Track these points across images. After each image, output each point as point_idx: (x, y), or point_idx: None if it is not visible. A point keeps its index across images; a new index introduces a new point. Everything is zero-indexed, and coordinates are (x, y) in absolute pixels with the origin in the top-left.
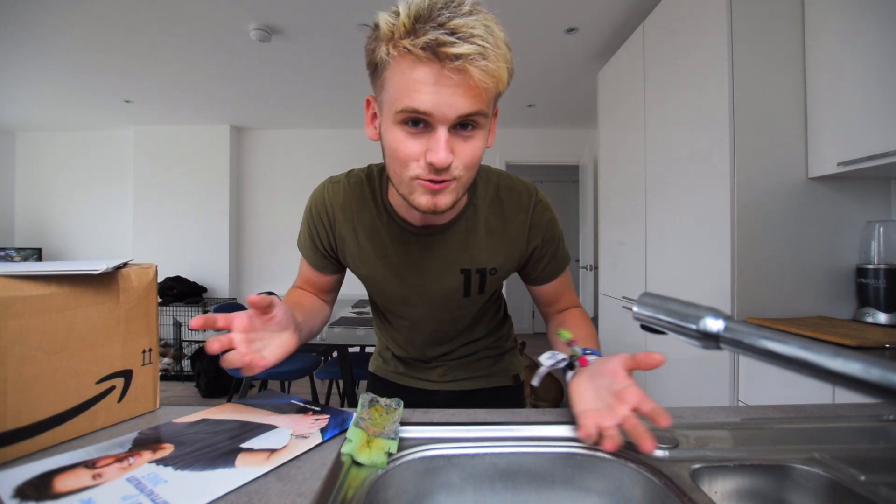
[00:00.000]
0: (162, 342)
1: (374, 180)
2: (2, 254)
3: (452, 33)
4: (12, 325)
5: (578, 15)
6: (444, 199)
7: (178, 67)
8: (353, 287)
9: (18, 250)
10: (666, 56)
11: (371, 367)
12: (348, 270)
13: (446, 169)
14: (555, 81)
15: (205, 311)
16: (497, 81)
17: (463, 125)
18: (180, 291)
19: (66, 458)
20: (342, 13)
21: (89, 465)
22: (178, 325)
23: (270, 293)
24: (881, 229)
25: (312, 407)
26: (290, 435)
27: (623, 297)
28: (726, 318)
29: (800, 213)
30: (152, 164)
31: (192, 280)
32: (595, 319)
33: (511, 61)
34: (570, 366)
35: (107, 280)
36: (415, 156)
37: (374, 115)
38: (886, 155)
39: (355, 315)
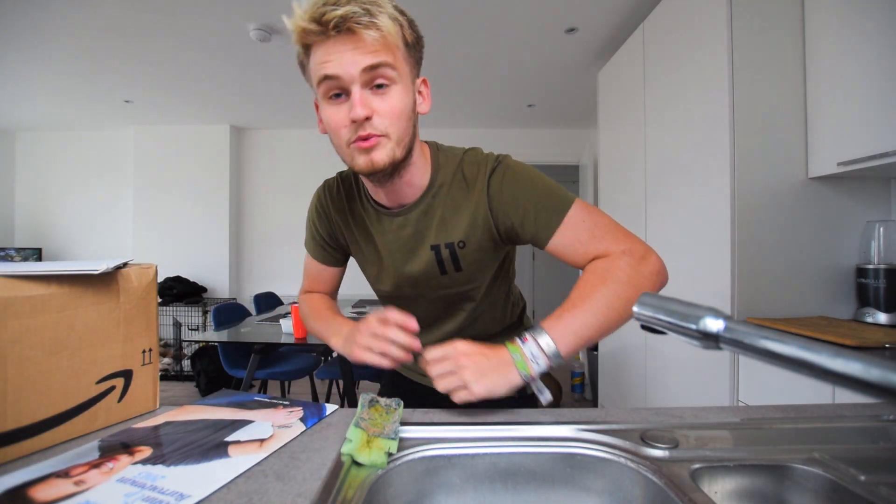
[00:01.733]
0: (162, 342)
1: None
2: (2, 254)
3: (329, 2)
4: (12, 325)
5: (578, 15)
6: (379, 155)
7: (178, 67)
8: (353, 287)
9: (18, 250)
10: (666, 56)
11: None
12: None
13: (367, 123)
14: (555, 81)
15: (205, 312)
16: (386, 36)
17: (377, 85)
18: (180, 291)
19: (29, 472)
20: None
21: (61, 474)
22: (178, 325)
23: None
24: (881, 229)
25: (281, 401)
26: (272, 426)
27: None
28: (726, 318)
29: (800, 213)
30: (152, 164)
31: (192, 280)
32: None
33: (405, 23)
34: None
35: (107, 280)
36: (343, 122)
37: (320, 113)
38: (886, 155)
39: (355, 315)
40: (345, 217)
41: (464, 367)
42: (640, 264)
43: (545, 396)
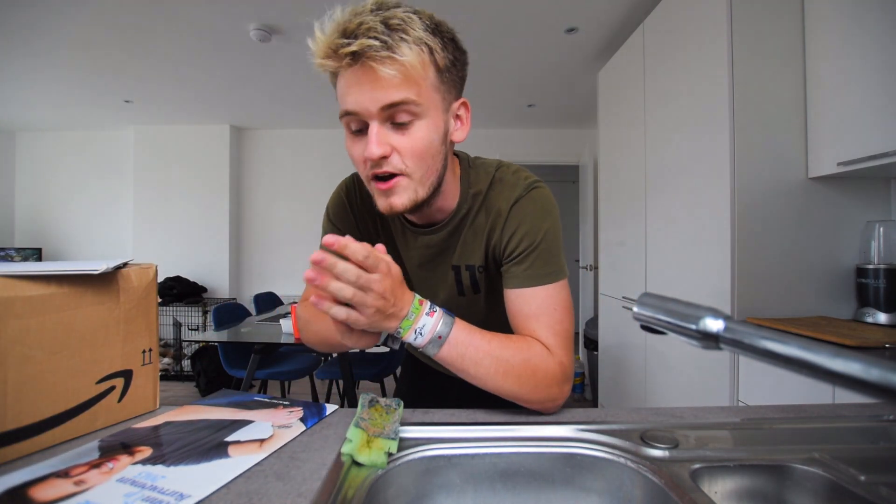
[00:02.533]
0: (162, 342)
1: None
2: (2, 254)
3: (347, 34)
4: (12, 325)
5: (578, 15)
6: (398, 200)
7: (178, 67)
8: None
9: (18, 250)
10: (666, 56)
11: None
12: None
13: (385, 161)
14: (555, 81)
15: (205, 312)
16: (407, 68)
17: (399, 119)
18: (180, 291)
19: (29, 472)
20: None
21: (61, 474)
22: (178, 325)
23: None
24: (881, 229)
25: (281, 401)
26: (272, 426)
27: (623, 297)
28: (726, 318)
29: (800, 213)
30: (152, 164)
31: (192, 280)
32: (595, 319)
33: (437, 45)
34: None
35: (107, 280)
36: (360, 157)
37: None
38: (886, 155)
39: None
40: (371, 223)
41: (369, 306)
42: (559, 385)
43: (392, 346)
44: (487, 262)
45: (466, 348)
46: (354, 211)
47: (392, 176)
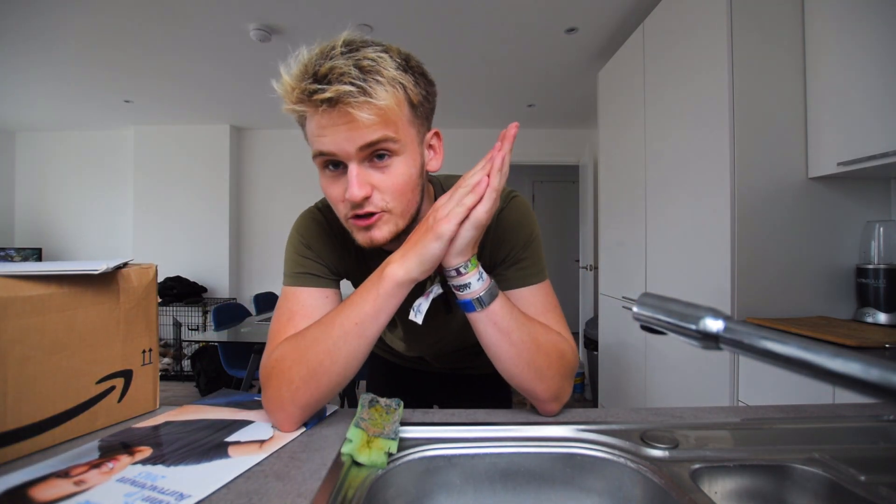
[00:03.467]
0: (162, 342)
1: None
2: (2, 254)
3: (321, 79)
4: (12, 325)
5: (578, 15)
6: (379, 234)
7: (178, 67)
8: (350, 287)
9: (18, 250)
10: (666, 56)
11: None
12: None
13: (365, 203)
14: (555, 81)
15: (205, 312)
16: (384, 111)
17: (378, 156)
18: (180, 291)
19: (29, 472)
20: (342, 13)
21: (61, 474)
22: (178, 325)
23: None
24: (881, 229)
25: None
26: (272, 426)
27: (623, 297)
28: (726, 318)
29: (800, 213)
30: (152, 164)
31: (192, 280)
32: (595, 319)
33: (409, 83)
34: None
35: (107, 280)
36: (339, 197)
37: None
38: (886, 155)
39: None
40: (344, 252)
41: (481, 225)
42: (571, 378)
43: (418, 314)
44: None
45: (513, 308)
46: (334, 231)
47: (373, 213)
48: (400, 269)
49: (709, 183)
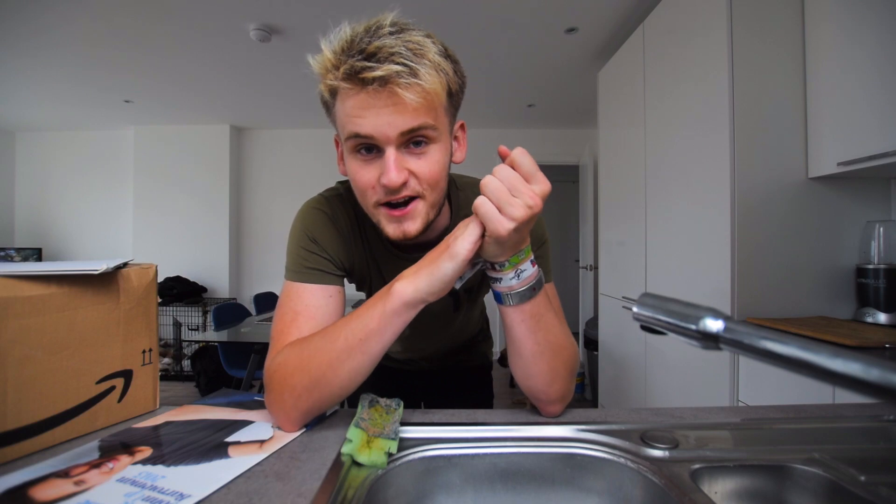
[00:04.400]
0: (162, 342)
1: (353, 201)
2: (2, 254)
3: (370, 57)
4: (12, 325)
5: (578, 15)
6: (412, 226)
7: (178, 67)
8: (350, 287)
9: (18, 250)
10: (666, 56)
11: None
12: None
13: (402, 188)
14: (555, 81)
15: (205, 312)
16: (430, 94)
17: (415, 143)
18: (180, 291)
19: (29, 472)
20: (342, 13)
21: (61, 474)
22: (178, 325)
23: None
24: (881, 229)
25: None
26: (272, 426)
27: (623, 297)
28: (726, 318)
29: (800, 213)
30: (152, 164)
31: (192, 280)
32: (595, 319)
33: (450, 70)
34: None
35: (107, 280)
36: (371, 182)
37: (342, 152)
38: (886, 155)
39: None
40: (357, 245)
41: (522, 206)
42: (577, 361)
43: (459, 280)
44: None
45: (547, 312)
46: (342, 225)
47: (408, 201)
48: (409, 287)
49: (709, 183)
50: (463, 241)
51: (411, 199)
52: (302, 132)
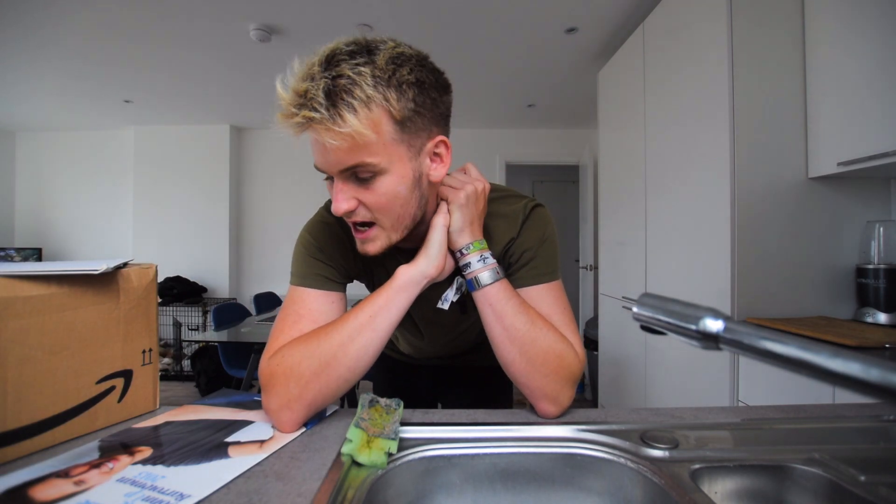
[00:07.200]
0: (162, 342)
1: None
2: (2, 254)
3: (294, 100)
4: (12, 325)
5: (578, 15)
6: (372, 247)
7: (178, 67)
8: (352, 287)
9: (18, 250)
10: (666, 56)
11: None
12: None
13: (352, 214)
14: (555, 81)
15: (205, 312)
16: (353, 136)
17: (360, 175)
18: (180, 291)
19: (29, 472)
20: (342, 13)
21: (61, 474)
22: (178, 325)
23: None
24: (881, 229)
25: None
26: (272, 426)
27: (623, 297)
28: (726, 318)
29: (800, 213)
30: (152, 164)
31: (192, 280)
32: (595, 319)
33: (393, 98)
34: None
35: (107, 280)
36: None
37: None
38: (886, 155)
39: None
40: (354, 254)
41: (464, 206)
42: (573, 383)
43: (445, 301)
44: None
45: (512, 297)
46: (346, 236)
47: (365, 225)
48: (411, 268)
49: (709, 183)
50: (441, 216)
51: (369, 224)
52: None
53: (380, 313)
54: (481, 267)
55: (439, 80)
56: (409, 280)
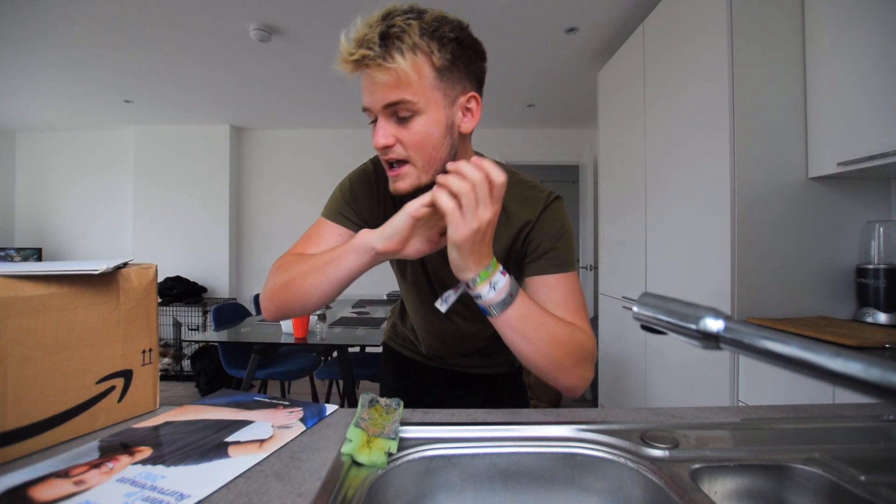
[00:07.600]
0: (162, 342)
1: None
2: (2, 254)
3: (353, 44)
4: (12, 325)
5: (578, 15)
6: (402, 184)
7: (178, 67)
8: (352, 287)
9: (18, 250)
10: (666, 56)
11: (384, 337)
12: None
13: (389, 150)
14: (555, 81)
15: (205, 312)
16: (401, 74)
17: (401, 113)
18: (180, 291)
19: (29, 472)
20: (342, 13)
21: (61, 474)
22: (178, 325)
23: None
24: (881, 229)
25: (281, 402)
26: (272, 426)
27: (623, 297)
28: (726, 318)
29: (800, 213)
30: (152, 164)
31: (192, 280)
32: (595, 319)
33: (435, 48)
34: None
35: (107, 280)
36: (376, 145)
37: None
38: (886, 155)
39: (355, 315)
40: (379, 205)
41: (474, 217)
42: (592, 364)
43: (444, 303)
44: (508, 260)
45: (530, 311)
46: (379, 185)
47: (399, 164)
48: (368, 235)
49: (709, 182)
50: (413, 202)
51: (403, 162)
52: (302, 132)
53: (331, 263)
54: (493, 296)
55: (476, 45)
56: (360, 244)
